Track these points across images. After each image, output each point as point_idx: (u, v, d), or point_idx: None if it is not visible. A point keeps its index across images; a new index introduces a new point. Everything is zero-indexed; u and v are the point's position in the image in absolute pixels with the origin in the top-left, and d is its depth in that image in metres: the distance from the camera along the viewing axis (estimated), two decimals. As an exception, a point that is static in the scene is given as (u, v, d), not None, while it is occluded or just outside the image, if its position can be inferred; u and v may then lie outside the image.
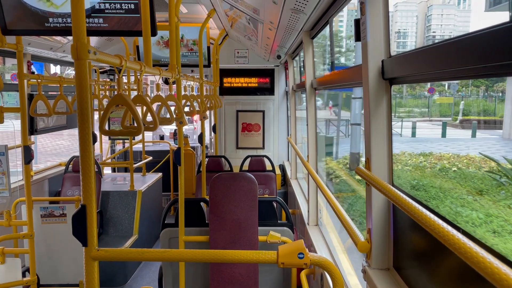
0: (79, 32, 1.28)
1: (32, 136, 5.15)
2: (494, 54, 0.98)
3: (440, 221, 1.08)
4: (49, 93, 5.37)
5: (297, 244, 1.44)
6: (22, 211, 4.24)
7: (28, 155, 3.25)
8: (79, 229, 1.37)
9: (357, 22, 1.88)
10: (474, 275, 1.05)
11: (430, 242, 1.52)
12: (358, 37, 1.89)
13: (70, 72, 13.61)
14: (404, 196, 1.36)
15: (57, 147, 18.79)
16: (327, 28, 3.24)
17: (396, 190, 1.44)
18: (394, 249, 1.85)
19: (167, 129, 10.94)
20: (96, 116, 6.41)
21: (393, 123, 1.77)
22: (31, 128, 4.80)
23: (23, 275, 3.54)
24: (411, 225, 1.71)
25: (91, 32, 2.00)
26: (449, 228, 1.03)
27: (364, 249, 1.89)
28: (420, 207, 1.22)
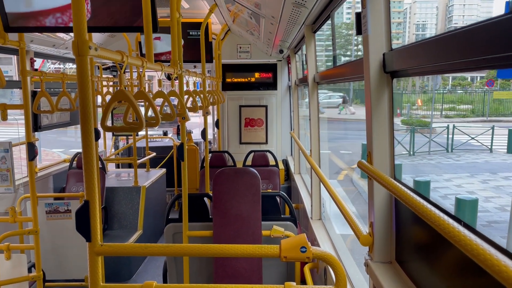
0: (80, 29, 1.29)
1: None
2: (496, 45, 0.98)
3: (441, 214, 1.09)
4: (52, 89, 5.39)
5: (299, 238, 1.44)
6: (27, 208, 4.28)
7: (32, 152, 3.26)
8: (83, 224, 1.38)
9: (358, 15, 1.87)
10: (476, 268, 1.05)
11: (432, 235, 1.52)
12: (359, 31, 1.88)
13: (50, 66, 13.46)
14: (406, 190, 1.36)
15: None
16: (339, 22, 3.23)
17: (398, 184, 1.44)
18: (397, 242, 1.86)
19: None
20: (100, 111, 6.43)
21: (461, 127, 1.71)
22: (34, 125, 4.82)
23: (29, 271, 3.58)
24: (413, 218, 1.71)
25: (92, 29, 2.00)
26: (450, 220, 1.03)
27: (367, 243, 1.90)
28: (422, 200, 1.22)
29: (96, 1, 1.95)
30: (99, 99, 5.81)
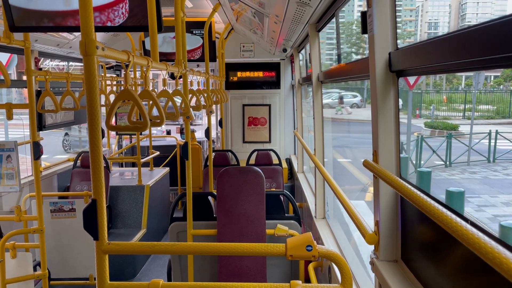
0: (87, 29, 1.29)
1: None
2: (504, 45, 0.98)
3: (448, 212, 1.09)
4: (56, 89, 5.40)
5: (305, 237, 1.45)
6: (32, 207, 4.29)
7: (37, 151, 3.28)
8: (90, 223, 1.39)
9: (363, 15, 1.87)
10: (483, 266, 1.05)
11: (438, 234, 1.52)
12: (364, 30, 1.88)
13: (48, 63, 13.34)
14: (412, 188, 1.36)
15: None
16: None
17: (404, 182, 1.45)
18: (402, 241, 1.86)
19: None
20: (103, 111, 6.45)
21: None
22: (39, 124, 4.83)
23: (34, 269, 3.59)
24: (419, 217, 1.71)
25: (98, 28, 2.01)
26: (458, 219, 1.03)
27: (372, 241, 1.90)
28: (428, 199, 1.23)
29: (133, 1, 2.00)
30: (103, 98, 5.83)
